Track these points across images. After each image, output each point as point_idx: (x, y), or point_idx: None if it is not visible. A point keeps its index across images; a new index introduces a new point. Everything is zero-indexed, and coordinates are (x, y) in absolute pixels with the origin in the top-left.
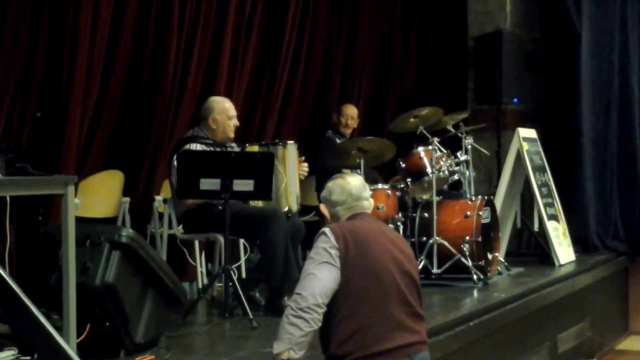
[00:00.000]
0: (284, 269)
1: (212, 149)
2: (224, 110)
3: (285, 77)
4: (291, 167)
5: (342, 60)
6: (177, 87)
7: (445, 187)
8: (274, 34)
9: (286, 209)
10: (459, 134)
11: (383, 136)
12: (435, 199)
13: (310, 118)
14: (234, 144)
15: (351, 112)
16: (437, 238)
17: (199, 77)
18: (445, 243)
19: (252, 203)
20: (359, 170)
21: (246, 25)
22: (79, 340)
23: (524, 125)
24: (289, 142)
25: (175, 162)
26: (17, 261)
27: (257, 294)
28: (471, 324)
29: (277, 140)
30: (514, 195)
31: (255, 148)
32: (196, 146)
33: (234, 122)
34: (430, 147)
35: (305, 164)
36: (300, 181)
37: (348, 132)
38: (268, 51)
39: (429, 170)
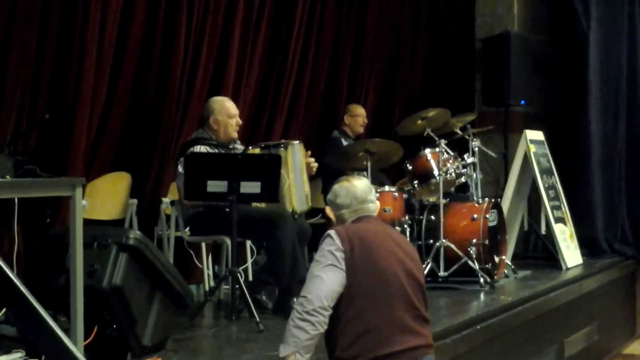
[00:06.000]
0: (292, 269)
1: (216, 150)
2: (224, 110)
3: (293, 78)
4: (297, 167)
5: (349, 61)
6: (185, 89)
7: (452, 189)
8: (281, 34)
9: (290, 210)
10: (466, 136)
11: (390, 138)
12: (442, 201)
13: (318, 118)
14: (238, 145)
15: (362, 111)
16: (444, 241)
17: (207, 78)
18: (452, 246)
19: (254, 205)
20: (365, 173)
21: (254, 25)
22: (86, 342)
23: (531, 128)
24: (291, 142)
25: (180, 167)
26: (25, 263)
27: (263, 297)
28: (478, 327)
29: (279, 142)
30: (521, 198)
31: (257, 151)
32: (200, 148)
33: (236, 120)
34: (437, 150)
35: (313, 159)
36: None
37: (362, 131)
38: (276, 51)
39: (436, 172)
